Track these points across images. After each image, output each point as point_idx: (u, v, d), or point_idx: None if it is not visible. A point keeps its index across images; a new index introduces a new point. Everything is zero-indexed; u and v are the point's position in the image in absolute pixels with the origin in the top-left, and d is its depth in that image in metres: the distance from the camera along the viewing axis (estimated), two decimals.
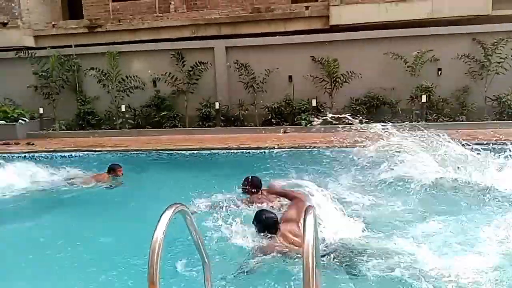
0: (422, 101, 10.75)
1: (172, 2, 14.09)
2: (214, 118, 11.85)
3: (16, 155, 9.77)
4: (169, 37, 13.59)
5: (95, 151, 9.56)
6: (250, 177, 5.28)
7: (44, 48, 13.27)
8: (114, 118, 12.32)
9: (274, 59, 11.81)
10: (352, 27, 12.24)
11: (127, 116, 12.07)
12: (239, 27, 13.67)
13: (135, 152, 9.38)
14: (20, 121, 12.26)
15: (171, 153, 9.19)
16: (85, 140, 11.23)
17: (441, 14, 11.77)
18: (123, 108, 11.96)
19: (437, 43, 11.20)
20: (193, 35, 13.71)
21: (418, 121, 10.83)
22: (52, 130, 12.35)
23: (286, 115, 11.68)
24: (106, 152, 9.45)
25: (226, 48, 12.25)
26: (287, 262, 3.60)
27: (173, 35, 13.76)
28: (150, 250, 1.85)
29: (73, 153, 9.45)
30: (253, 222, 3.96)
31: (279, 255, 3.66)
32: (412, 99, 11.13)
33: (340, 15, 12.67)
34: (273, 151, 9.00)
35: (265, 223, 3.88)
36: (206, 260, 2.45)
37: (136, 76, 12.24)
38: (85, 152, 9.50)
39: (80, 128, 12.35)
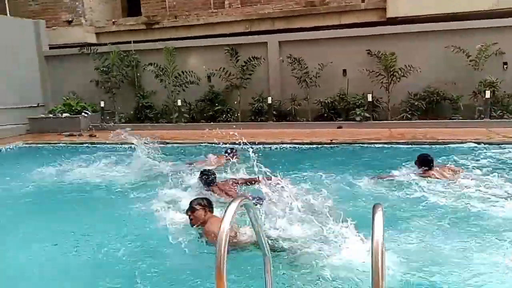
0: (486, 96, 10.16)
1: None
2: (266, 112, 11.90)
3: (80, 145, 10.39)
4: (223, 33, 13.81)
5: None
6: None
7: (105, 44, 13.90)
8: (171, 112, 12.69)
9: (328, 53, 11.63)
10: (410, 19, 11.80)
11: (182, 110, 12.39)
12: (292, 21, 13.62)
13: (193, 144, 9.60)
14: (83, 114, 12.95)
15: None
16: (144, 132, 11.65)
17: (507, 4, 11.06)
18: (179, 103, 12.29)
19: (503, 36, 10.52)
20: (247, 30, 13.84)
21: (482, 118, 10.30)
22: (113, 123, 12.94)
23: (340, 110, 11.49)
24: (170, 145, 9.69)
25: (280, 42, 12.22)
26: None
27: (227, 30, 13.97)
28: (217, 241, 1.89)
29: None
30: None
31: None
32: (475, 95, 10.55)
33: (398, 7, 12.26)
34: (327, 147, 8.92)
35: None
36: (267, 253, 2.46)
37: (192, 71, 12.51)
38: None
39: (139, 121, 12.84)
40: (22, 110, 13.20)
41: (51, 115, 13.08)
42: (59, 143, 10.74)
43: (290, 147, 9.11)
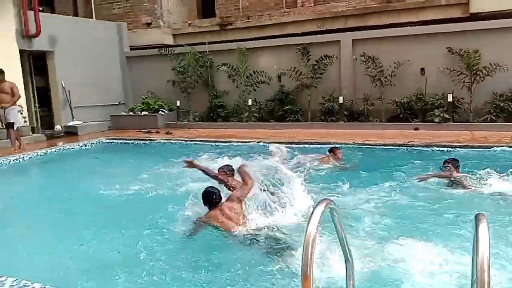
0: None
1: None
2: (337, 112, 11.68)
3: (157, 142, 10.91)
4: (295, 32, 13.75)
5: (225, 141, 10.13)
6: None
7: (181, 45, 14.45)
8: (241, 111, 12.90)
9: (404, 51, 11.14)
10: (495, 14, 10.94)
11: (253, 109, 12.55)
12: (366, 18, 13.20)
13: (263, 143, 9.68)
14: (160, 112, 13.59)
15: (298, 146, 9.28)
16: (216, 131, 11.98)
17: None
18: (249, 102, 12.46)
19: None
20: (319, 29, 13.65)
21: None
22: (187, 121, 13.44)
23: (417, 110, 10.96)
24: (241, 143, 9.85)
25: (353, 40, 11.92)
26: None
27: (298, 29, 13.87)
28: (304, 244, 1.87)
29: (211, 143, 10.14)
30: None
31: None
32: None
33: (482, 1, 11.42)
34: (401, 149, 8.56)
35: (203, 198, 4.53)
36: (349, 258, 2.41)
37: (263, 71, 12.62)
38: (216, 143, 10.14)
39: (211, 120, 13.21)
40: (105, 108, 14.15)
41: (131, 113, 13.88)
42: (138, 139, 11.35)
43: (363, 148, 8.86)
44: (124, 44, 15.17)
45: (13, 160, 8.78)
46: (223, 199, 4.58)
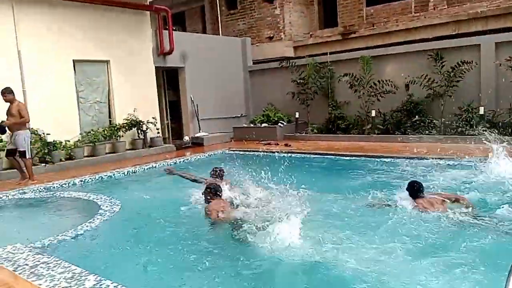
0: None
1: (431, 0, 13.07)
2: (476, 125, 10.33)
3: (277, 154, 10.85)
4: (424, 37, 12.73)
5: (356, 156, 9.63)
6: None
7: (302, 57, 14.37)
8: (363, 123, 12.25)
9: None
10: None
11: (376, 121, 11.81)
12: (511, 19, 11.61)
13: (389, 157, 8.97)
14: (279, 124, 13.63)
15: (424, 161, 8.38)
16: (337, 143, 11.54)
17: None
18: (373, 113, 11.76)
19: None
20: (454, 33, 12.41)
21: None
22: (305, 133, 13.25)
23: None
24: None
25: (496, 44, 10.50)
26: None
27: (429, 34, 12.84)
28: None
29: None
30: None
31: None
32: None
33: None
34: None
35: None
36: None
37: (388, 80, 11.83)
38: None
39: (330, 132, 12.80)
40: (228, 119, 14.73)
41: (251, 125, 14.19)
42: (259, 151, 11.43)
43: None
44: (248, 58, 15.67)
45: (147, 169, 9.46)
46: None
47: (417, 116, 11.24)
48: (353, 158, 9.38)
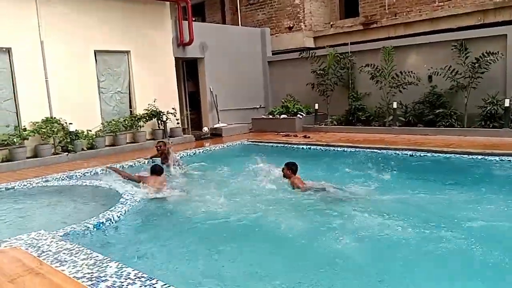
0: None
1: None
2: (501, 118, 10.07)
3: (295, 146, 10.80)
4: (448, 27, 12.41)
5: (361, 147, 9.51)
6: None
7: (322, 47, 14.19)
8: (384, 114, 12.07)
9: None
10: None
11: (397, 113, 11.62)
12: None
13: (406, 151, 8.81)
14: (298, 115, 13.54)
15: (448, 156, 8.22)
16: (354, 135, 11.41)
17: None
18: (394, 105, 11.56)
19: None
20: (479, 23, 12.06)
21: None
22: (324, 124, 13.12)
23: None
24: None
25: None
26: None
27: (453, 24, 12.51)
28: None
29: (347, 149, 9.67)
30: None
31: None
32: None
33: None
34: None
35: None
36: None
37: (411, 71, 11.59)
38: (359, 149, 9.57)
39: (349, 124, 12.65)
40: (247, 111, 14.71)
41: (270, 116, 14.14)
42: (278, 142, 11.40)
43: None
44: (267, 49, 15.57)
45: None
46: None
47: (440, 109, 11.00)
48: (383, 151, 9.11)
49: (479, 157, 7.81)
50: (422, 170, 7.60)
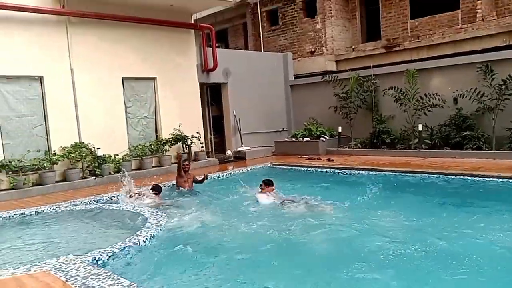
0: None
1: (480, 11, 12.64)
2: None
3: (319, 169, 10.74)
4: (472, 49, 12.30)
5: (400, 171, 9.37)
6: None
7: (345, 71, 14.24)
8: (409, 137, 11.91)
9: None
10: None
11: (423, 136, 11.46)
12: None
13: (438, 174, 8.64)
14: (321, 138, 13.51)
15: (476, 180, 8.02)
16: (380, 158, 11.28)
17: None
18: (419, 128, 11.42)
19: None
20: (504, 44, 11.92)
21: None
22: (348, 147, 13.04)
23: None
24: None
25: None
26: None
27: (477, 46, 12.41)
28: None
29: (371, 172, 9.56)
30: None
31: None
32: None
33: None
34: None
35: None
36: None
37: (435, 93, 11.48)
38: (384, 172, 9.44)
39: (374, 147, 12.53)
40: (270, 134, 14.80)
41: (293, 139, 14.16)
42: (301, 165, 11.36)
43: None
44: (289, 73, 15.74)
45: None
46: None
47: (467, 131, 10.79)
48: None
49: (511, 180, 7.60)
50: (453, 194, 7.45)
